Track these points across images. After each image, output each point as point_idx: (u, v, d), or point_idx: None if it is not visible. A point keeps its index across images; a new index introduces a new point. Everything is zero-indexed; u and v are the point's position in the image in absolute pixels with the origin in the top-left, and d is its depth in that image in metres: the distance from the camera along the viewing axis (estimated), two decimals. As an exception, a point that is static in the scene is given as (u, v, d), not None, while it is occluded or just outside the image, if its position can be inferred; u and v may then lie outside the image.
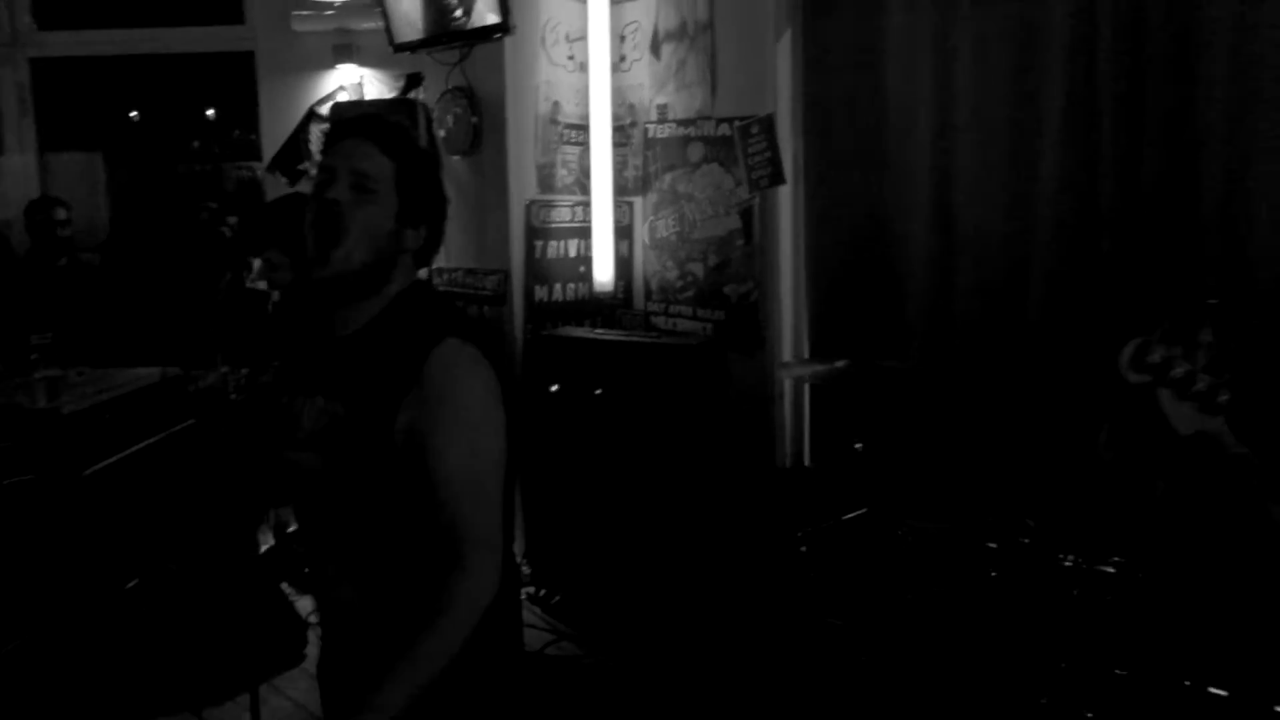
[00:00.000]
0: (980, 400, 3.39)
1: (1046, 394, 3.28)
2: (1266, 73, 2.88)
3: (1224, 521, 2.15)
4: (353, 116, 2.07)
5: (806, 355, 4.02)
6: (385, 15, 4.46)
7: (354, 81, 4.73)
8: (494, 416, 1.62)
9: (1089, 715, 2.23)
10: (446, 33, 4.30)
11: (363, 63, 4.67)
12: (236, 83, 5.18)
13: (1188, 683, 2.23)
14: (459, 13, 4.24)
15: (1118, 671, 2.28)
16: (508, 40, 4.19)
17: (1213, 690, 2.22)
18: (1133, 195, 3.16)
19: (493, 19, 4.10)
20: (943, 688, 2.44)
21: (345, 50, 4.66)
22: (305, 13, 4.63)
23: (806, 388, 4.07)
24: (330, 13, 4.61)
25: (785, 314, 4.13)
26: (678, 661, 3.37)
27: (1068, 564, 2.33)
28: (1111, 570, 2.33)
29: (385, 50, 4.46)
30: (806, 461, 4.07)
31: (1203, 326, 1.97)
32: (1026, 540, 2.47)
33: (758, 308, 4.12)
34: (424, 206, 1.67)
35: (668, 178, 4.38)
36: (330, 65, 4.69)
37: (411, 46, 4.44)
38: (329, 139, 1.73)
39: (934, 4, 3.56)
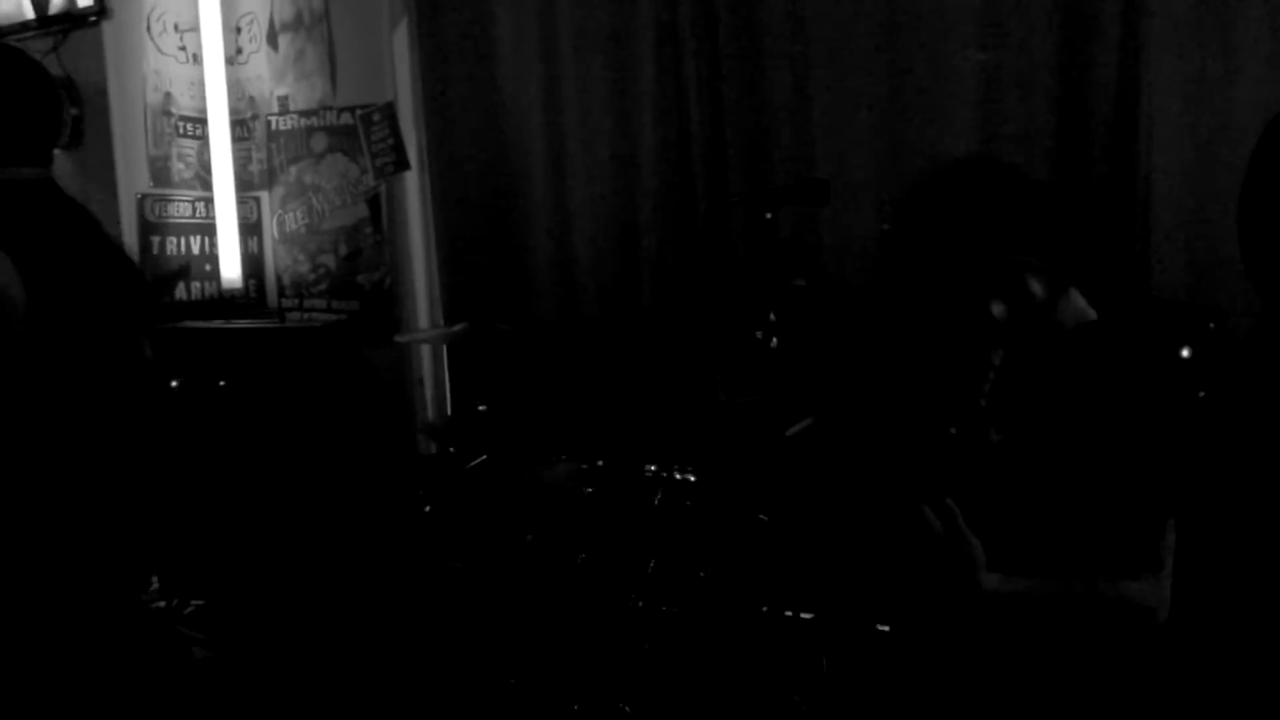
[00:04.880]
0: (601, 356, 3.58)
1: (661, 349, 3.51)
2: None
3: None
4: None
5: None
6: (-35, -1, 4.12)
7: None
8: None
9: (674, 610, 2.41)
10: (38, 17, 4.04)
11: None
12: None
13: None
14: (51, -2, 4.01)
15: (701, 574, 2.49)
16: (107, 25, 4.00)
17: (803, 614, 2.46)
18: (719, 165, 3.47)
19: (87, 1, 3.90)
20: (555, 604, 2.56)
21: (-80, 38, 4.25)
22: None
23: (447, 367, 4.12)
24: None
25: (420, 298, 4.17)
26: (315, 639, 3.30)
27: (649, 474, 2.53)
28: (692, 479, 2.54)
29: (-31, 38, 4.11)
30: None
31: None
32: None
33: (391, 294, 4.14)
34: None
35: (293, 170, 4.31)
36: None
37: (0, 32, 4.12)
38: None
39: (538, -5, 3.75)
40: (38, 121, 1.96)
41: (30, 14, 4.03)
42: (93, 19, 3.95)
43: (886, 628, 2.40)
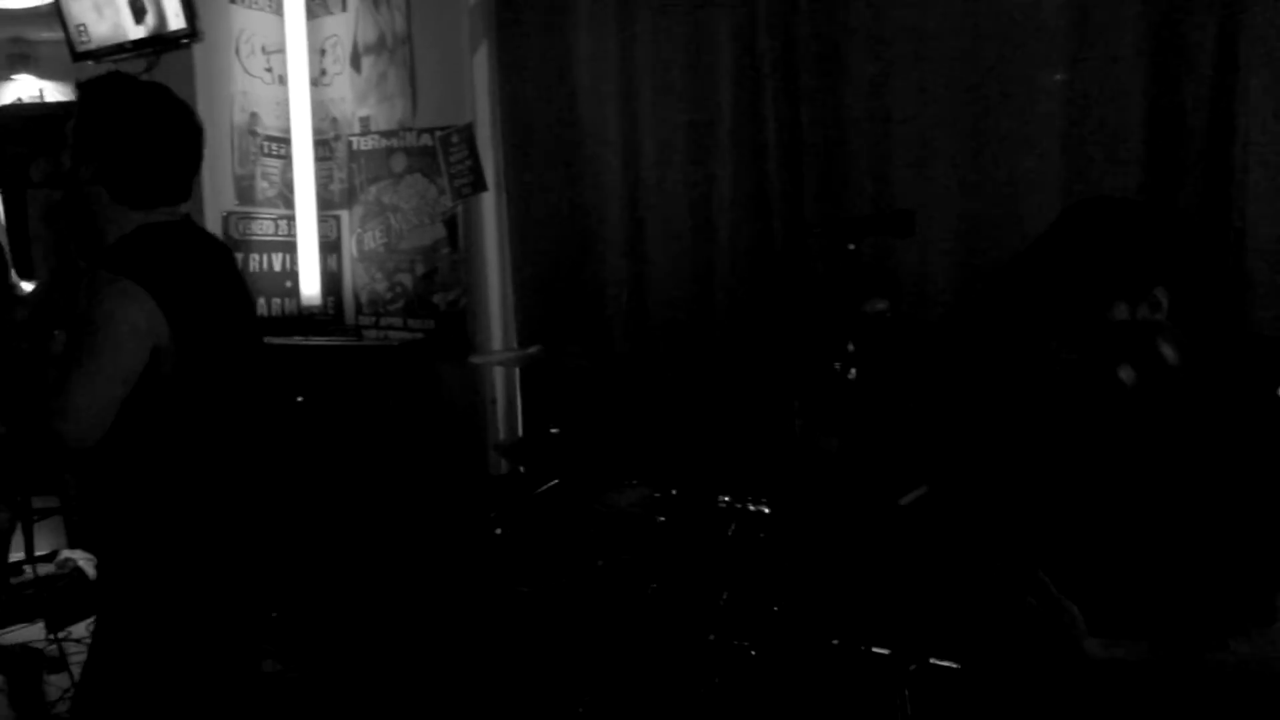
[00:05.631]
0: (673, 385, 3.56)
1: (735, 379, 3.47)
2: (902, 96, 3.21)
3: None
4: None
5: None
6: (64, 23, 4.26)
7: (33, 93, 4.47)
8: (114, 330, 1.84)
9: (746, 644, 2.37)
10: (132, 40, 4.16)
11: (42, 74, 4.44)
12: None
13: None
14: (145, 19, 4.12)
15: (774, 608, 2.44)
16: (197, 48, 4.10)
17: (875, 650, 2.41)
18: (796, 192, 3.43)
19: (179, 25, 4.01)
20: (625, 633, 2.53)
21: (22, 60, 4.41)
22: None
23: (519, 387, 4.14)
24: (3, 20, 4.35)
25: (494, 319, 4.19)
26: (382, 656, 3.32)
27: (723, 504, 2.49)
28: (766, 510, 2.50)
29: (67, 60, 4.26)
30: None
31: None
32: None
33: (466, 314, 4.17)
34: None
35: (373, 189, 4.37)
36: (5, 75, 4.42)
37: (95, 55, 4.26)
38: None
39: (616, 19, 3.76)
40: (180, 162, 2.03)
41: (135, 34, 4.12)
42: (184, 41, 4.05)
43: (955, 665, 2.34)
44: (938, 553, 2.17)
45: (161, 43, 4.10)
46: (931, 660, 2.37)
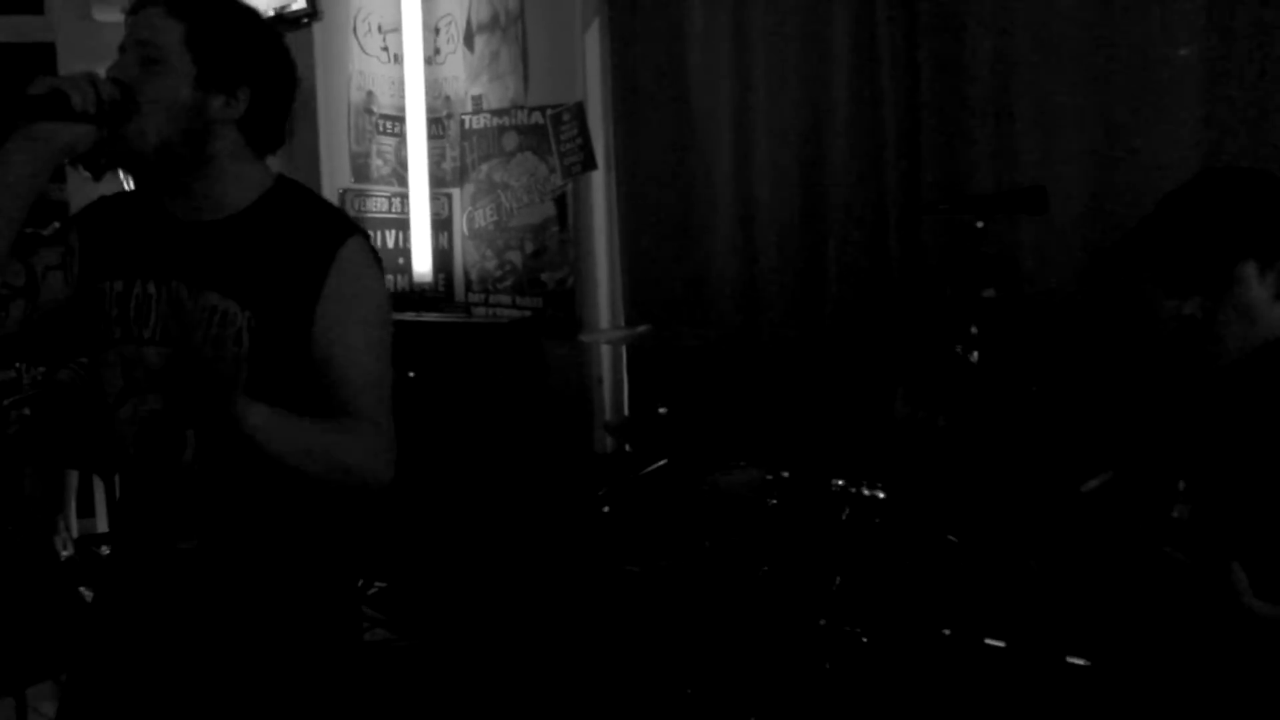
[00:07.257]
0: (783, 366, 3.51)
1: (848, 360, 3.40)
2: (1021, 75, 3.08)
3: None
4: None
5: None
6: (192, 4, 4.37)
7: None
8: (389, 319, 1.63)
9: (858, 631, 2.33)
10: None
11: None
12: (35, 75, 4.98)
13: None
14: None
15: (888, 595, 2.39)
16: (317, 27, 4.18)
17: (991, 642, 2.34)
18: (913, 179, 3.32)
19: (300, 4, 4.09)
20: (731, 618, 2.51)
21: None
22: (108, 2, 4.50)
23: (625, 366, 4.13)
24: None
25: (602, 298, 4.19)
26: (490, 630, 3.36)
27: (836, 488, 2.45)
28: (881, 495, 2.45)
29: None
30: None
31: None
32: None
33: (574, 293, 4.18)
34: (232, 67, 1.48)
35: (484, 168, 4.41)
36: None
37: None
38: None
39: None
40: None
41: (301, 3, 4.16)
42: (305, 20, 4.13)
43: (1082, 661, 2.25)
44: (1113, 540, 2.09)
45: (283, 22, 4.19)
46: (1052, 656, 2.29)
